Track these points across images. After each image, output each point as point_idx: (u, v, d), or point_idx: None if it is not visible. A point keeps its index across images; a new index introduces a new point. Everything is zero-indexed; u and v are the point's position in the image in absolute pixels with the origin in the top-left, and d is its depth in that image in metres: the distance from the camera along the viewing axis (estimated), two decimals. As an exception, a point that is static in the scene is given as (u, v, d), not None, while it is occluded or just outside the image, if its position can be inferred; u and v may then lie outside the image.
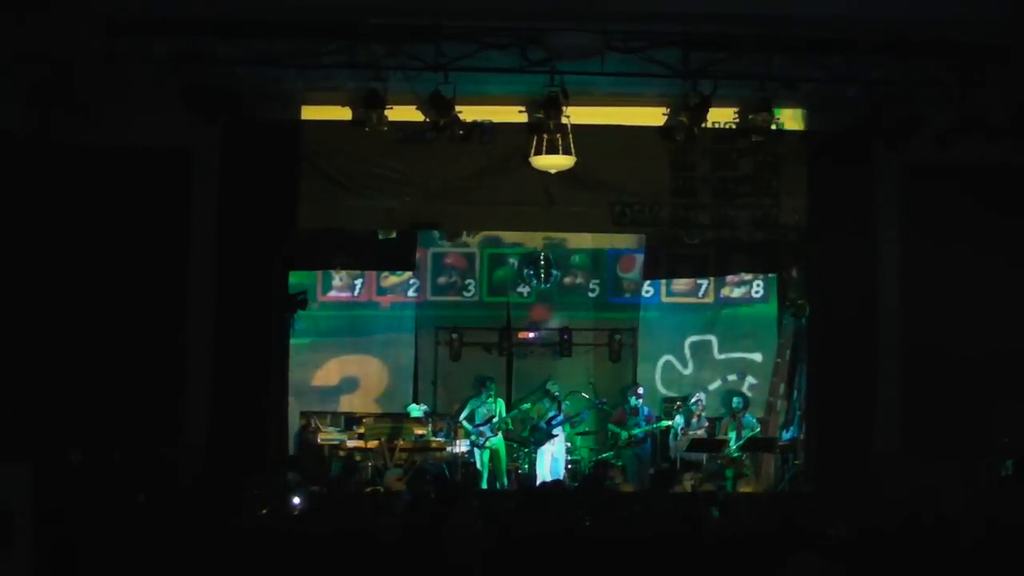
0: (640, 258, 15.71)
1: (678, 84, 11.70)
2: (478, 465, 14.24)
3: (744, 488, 13.55)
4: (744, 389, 15.26)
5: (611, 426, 14.84)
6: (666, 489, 12.45)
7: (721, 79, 11.54)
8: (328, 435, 14.75)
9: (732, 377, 15.57)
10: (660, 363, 15.84)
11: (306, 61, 11.19)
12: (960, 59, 11.15)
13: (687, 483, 13.16)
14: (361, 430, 14.59)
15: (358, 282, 15.62)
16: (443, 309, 15.82)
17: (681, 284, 15.92)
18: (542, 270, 15.70)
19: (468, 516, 8.82)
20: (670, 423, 14.71)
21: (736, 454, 14.06)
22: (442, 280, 15.94)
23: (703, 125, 12.33)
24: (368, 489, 12.61)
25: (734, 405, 14.56)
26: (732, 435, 14.26)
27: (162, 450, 11.89)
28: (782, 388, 14.88)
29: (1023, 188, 12.57)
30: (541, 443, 14.49)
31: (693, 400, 14.80)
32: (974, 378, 12.40)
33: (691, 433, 14.52)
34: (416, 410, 14.81)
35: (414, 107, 12.32)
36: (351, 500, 11.78)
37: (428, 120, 12.33)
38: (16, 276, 11.80)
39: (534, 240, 15.72)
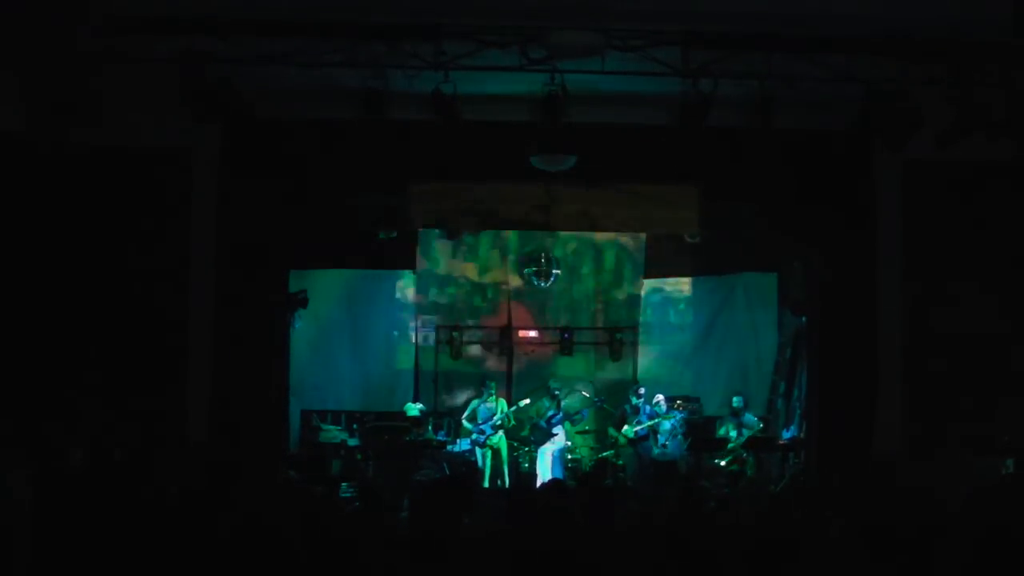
0: (641, 258, 15.74)
1: (678, 83, 11.70)
2: (479, 464, 14.26)
3: (746, 486, 13.58)
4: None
5: (611, 430, 14.81)
6: (666, 487, 12.44)
7: (721, 78, 11.53)
8: (328, 434, 14.78)
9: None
10: (661, 363, 15.87)
11: (306, 61, 11.19)
12: (960, 58, 11.13)
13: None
14: (362, 429, 14.62)
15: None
16: (443, 308, 15.83)
17: (681, 283, 15.94)
18: (543, 269, 15.72)
19: (480, 516, 8.80)
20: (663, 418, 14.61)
21: (740, 452, 14.08)
22: (442, 279, 15.96)
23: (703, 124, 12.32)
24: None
25: (734, 404, 14.55)
26: (732, 434, 14.28)
27: (163, 450, 11.88)
28: (782, 387, 14.90)
29: (1023, 187, 12.57)
30: (541, 442, 14.50)
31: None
32: (974, 378, 12.41)
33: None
34: (412, 408, 14.83)
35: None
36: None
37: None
38: (16, 276, 11.81)
39: (535, 239, 15.74)
